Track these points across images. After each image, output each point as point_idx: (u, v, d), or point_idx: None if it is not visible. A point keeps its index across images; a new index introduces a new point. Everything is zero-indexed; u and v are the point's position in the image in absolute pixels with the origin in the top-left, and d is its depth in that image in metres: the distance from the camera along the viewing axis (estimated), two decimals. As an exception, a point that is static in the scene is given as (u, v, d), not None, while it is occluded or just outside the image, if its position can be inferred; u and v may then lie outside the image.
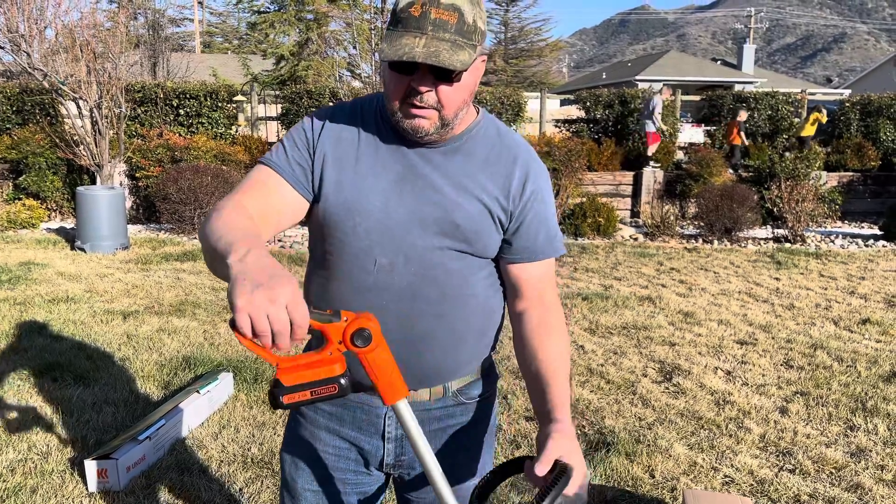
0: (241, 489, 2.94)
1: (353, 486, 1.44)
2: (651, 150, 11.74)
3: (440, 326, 1.34)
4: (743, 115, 12.60)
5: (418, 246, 1.30)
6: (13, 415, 3.61)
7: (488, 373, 1.49)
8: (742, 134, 12.54)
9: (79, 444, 3.27)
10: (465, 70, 1.21)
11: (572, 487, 1.14)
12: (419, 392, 1.38)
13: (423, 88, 1.21)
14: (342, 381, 1.06)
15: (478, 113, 1.39)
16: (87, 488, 2.89)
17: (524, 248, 1.39)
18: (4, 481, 2.94)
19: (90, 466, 2.88)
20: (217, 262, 1.09)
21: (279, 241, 8.70)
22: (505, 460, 1.25)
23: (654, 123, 11.63)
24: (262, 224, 1.26)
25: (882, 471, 3.19)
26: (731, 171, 11.74)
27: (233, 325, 0.96)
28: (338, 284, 1.34)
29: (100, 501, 2.81)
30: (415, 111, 1.23)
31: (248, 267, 0.99)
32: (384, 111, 1.33)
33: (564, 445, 1.20)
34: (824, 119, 13.20)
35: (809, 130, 13.13)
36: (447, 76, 1.21)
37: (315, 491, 1.44)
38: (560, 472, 1.14)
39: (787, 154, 11.59)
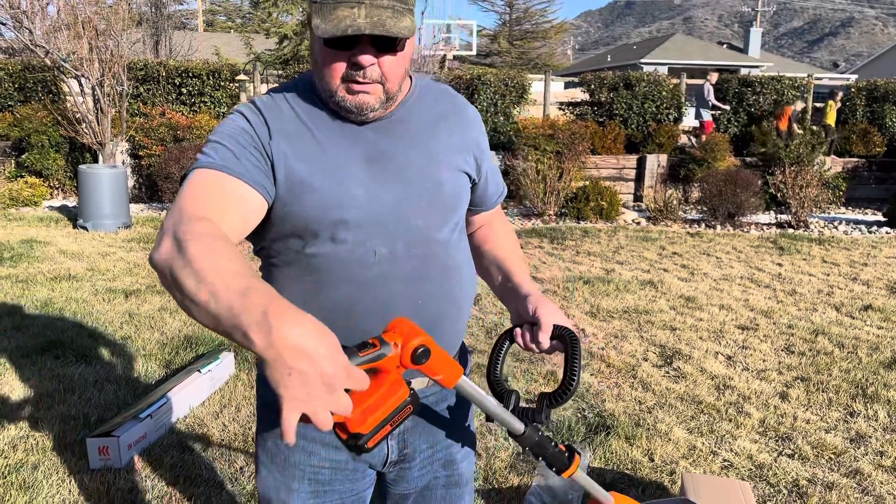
0: (241, 468, 2.95)
1: (348, 494, 1.37)
2: (704, 138, 11.75)
3: (448, 304, 1.30)
4: (800, 105, 12.42)
5: (413, 226, 1.23)
6: (15, 392, 3.62)
7: (463, 347, 1.46)
8: (790, 121, 12.44)
9: (80, 421, 3.29)
10: (410, 37, 1.15)
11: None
12: (416, 381, 1.30)
13: (366, 62, 1.11)
14: (409, 398, 1.02)
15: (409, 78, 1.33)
16: (88, 465, 2.91)
17: (493, 194, 1.46)
18: (6, 458, 2.96)
19: (91, 444, 2.90)
20: (217, 326, 0.92)
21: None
22: (491, 351, 1.27)
23: (709, 111, 11.80)
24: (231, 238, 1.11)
25: (881, 457, 3.20)
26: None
27: (304, 418, 0.85)
28: (335, 287, 1.22)
29: (101, 478, 2.82)
30: (357, 87, 1.14)
31: (280, 351, 0.82)
32: (319, 94, 1.21)
33: (550, 308, 1.22)
34: (834, 110, 13.08)
35: (832, 117, 13.03)
36: (391, 46, 1.12)
37: None
38: (571, 340, 1.17)
39: (799, 132, 11.44)
